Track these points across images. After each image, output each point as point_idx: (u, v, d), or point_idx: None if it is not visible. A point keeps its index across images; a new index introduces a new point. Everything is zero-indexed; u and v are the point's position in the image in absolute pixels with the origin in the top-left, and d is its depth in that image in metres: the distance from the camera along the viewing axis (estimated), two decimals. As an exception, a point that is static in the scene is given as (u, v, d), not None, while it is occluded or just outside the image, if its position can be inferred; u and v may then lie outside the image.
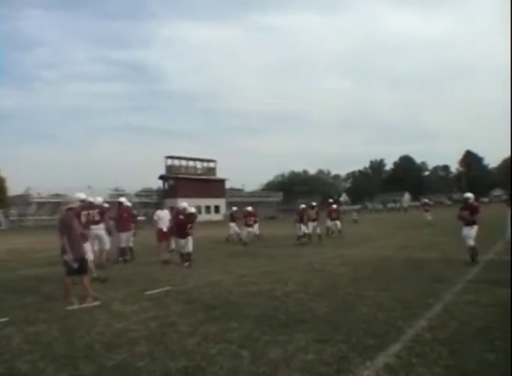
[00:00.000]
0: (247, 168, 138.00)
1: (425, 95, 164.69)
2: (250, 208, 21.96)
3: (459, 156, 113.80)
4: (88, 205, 11.47)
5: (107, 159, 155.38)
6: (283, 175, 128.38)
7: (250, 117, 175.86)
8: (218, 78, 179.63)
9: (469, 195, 12.52)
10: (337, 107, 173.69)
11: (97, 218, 12.00)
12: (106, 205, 14.31)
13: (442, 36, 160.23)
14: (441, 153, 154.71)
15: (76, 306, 7.94)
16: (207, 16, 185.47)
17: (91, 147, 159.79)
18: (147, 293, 9.13)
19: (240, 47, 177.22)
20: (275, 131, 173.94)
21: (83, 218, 10.72)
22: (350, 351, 5.43)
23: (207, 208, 59.73)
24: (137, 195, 63.80)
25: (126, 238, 14.37)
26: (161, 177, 62.34)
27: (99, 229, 12.25)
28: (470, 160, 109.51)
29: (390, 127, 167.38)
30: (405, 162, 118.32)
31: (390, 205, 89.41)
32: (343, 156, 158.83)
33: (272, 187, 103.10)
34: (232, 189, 69.33)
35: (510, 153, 53.50)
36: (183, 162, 62.57)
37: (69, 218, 8.55)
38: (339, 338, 5.91)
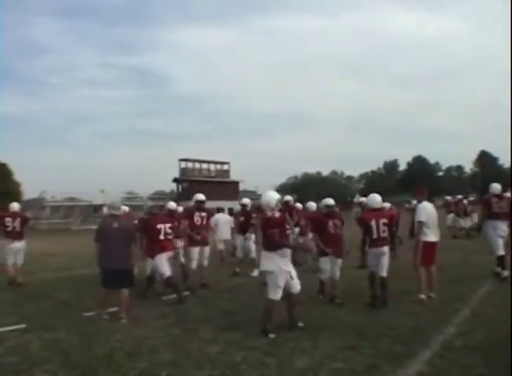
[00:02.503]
0: (260, 170, 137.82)
1: (436, 95, 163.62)
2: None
3: (474, 156, 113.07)
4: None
5: (119, 163, 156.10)
6: (295, 177, 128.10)
7: (260, 119, 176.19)
8: (227, 81, 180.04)
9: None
10: (348, 108, 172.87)
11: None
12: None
13: (452, 35, 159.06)
14: (454, 153, 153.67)
15: (106, 316, 7.58)
16: (212, 21, 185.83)
17: (104, 151, 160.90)
18: (165, 298, 9.01)
19: (247, 49, 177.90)
20: (286, 132, 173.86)
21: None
22: (379, 358, 5.28)
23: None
24: (150, 198, 63.85)
25: None
26: (175, 180, 62.43)
27: None
28: (485, 160, 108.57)
29: (402, 127, 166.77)
30: (419, 162, 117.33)
31: (407, 206, 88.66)
32: (356, 157, 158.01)
33: (285, 189, 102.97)
34: (245, 191, 69.14)
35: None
36: (197, 165, 62.65)
37: (109, 225, 7.71)
38: (366, 344, 5.76)
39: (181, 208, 12.11)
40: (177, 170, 61.75)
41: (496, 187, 10.49)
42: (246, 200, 12.69)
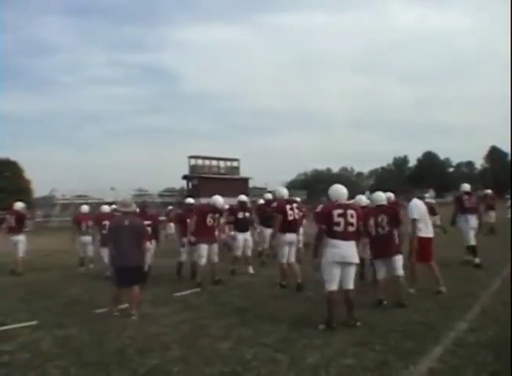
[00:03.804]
0: (270, 167, 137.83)
1: (443, 90, 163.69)
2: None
3: (484, 151, 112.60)
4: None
5: (128, 161, 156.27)
6: (305, 174, 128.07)
7: (268, 117, 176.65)
8: (235, 79, 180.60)
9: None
10: (357, 105, 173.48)
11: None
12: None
13: (458, 28, 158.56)
14: (465, 149, 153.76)
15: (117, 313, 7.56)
16: (219, 18, 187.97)
17: (113, 149, 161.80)
18: (176, 295, 9.03)
19: (253, 47, 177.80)
20: (294, 129, 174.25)
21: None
22: (390, 355, 5.25)
23: (231, 208, 58.79)
24: (160, 195, 63.94)
25: None
26: (185, 177, 62.38)
27: None
28: (495, 155, 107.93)
29: (411, 123, 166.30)
30: (429, 158, 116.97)
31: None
32: (365, 153, 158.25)
33: (295, 185, 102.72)
34: (255, 188, 69.07)
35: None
36: (206, 162, 62.58)
37: (119, 223, 7.74)
38: (377, 341, 5.73)
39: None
40: (187, 167, 61.72)
41: (466, 186, 12.19)
42: (244, 197, 12.72)
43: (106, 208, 12.89)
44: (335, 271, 6.54)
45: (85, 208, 13.86)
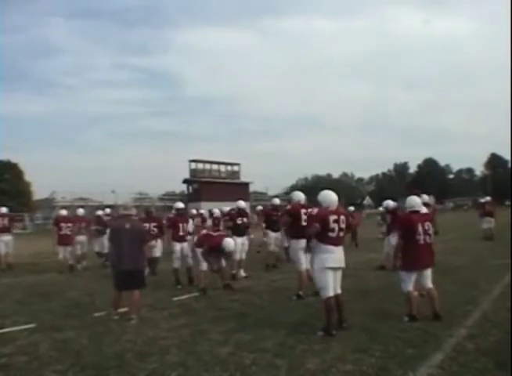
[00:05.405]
0: (270, 172, 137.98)
1: (445, 96, 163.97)
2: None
3: (485, 158, 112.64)
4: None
5: (130, 164, 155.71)
6: (306, 179, 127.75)
7: (270, 121, 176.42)
8: (237, 83, 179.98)
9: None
10: (358, 110, 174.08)
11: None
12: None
13: (460, 35, 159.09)
14: (465, 155, 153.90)
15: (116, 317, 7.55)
16: (224, 23, 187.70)
17: (114, 152, 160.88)
18: (175, 299, 9.01)
19: (257, 51, 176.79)
20: (296, 134, 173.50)
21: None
22: (389, 361, 5.22)
23: (232, 212, 58.49)
24: (160, 199, 64.00)
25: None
26: (185, 181, 62.39)
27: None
28: (496, 162, 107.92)
29: (413, 129, 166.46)
30: (429, 165, 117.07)
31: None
32: (366, 159, 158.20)
33: (295, 191, 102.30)
34: (255, 193, 69.16)
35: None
36: (207, 166, 62.66)
37: (120, 226, 7.67)
38: (377, 347, 5.70)
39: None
40: (187, 171, 61.76)
41: (425, 197, 12.04)
42: (243, 204, 12.90)
43: (63, 212, 15.57)
44: (329, 277, 6.51)
45: (81, 211, 16.25)
